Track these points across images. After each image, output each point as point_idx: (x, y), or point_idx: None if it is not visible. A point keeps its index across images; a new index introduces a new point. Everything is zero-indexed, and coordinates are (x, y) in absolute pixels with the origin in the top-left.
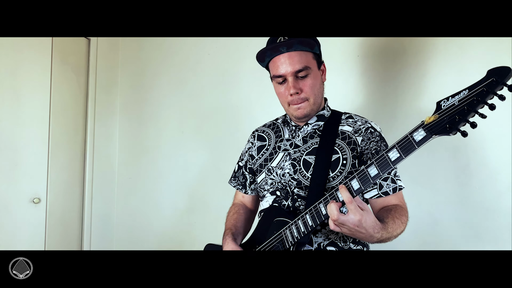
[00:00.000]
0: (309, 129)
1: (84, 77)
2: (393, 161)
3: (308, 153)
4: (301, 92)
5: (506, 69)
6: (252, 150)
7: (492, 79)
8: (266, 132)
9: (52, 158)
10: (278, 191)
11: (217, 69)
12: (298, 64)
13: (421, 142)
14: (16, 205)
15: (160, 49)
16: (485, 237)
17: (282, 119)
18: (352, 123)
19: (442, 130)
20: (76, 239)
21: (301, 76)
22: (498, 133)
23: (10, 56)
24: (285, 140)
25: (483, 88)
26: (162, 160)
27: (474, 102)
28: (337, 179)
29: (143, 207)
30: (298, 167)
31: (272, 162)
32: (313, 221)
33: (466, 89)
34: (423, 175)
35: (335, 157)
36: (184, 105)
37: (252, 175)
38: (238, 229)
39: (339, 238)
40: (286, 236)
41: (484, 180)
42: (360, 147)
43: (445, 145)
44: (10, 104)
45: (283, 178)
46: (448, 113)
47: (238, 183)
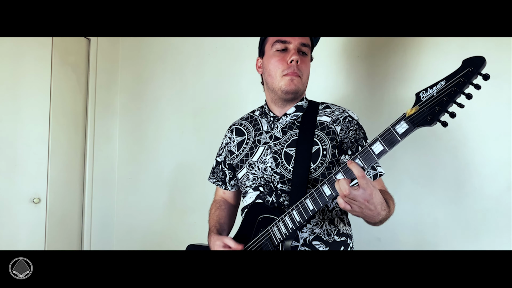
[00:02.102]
0: (288, 119)
1: (84, 77)
2: (377, 154)
3: (288, 145)
4: (299, 64)
5: (481, 59)
6: (231, 145)
7: (468, 69)
8: (243, 125)
9: (52, 158)
10: (261, 186)
11: (217, 69)
12: (305, 40)
13: (404, 135)
14: (16, 205)
15: (160, 49)
16: (485, 237)
17: (260, 111)
18: (330, 113)
19: (423, 121)
20: (76, 239)
21: (303, 52)
22: (498, 133)
23: (10, 56)
24: (264, 133)
25: (460, 78)
26: (162, 160)
27: (452, 92)
28: (318, 170)
29: (143, 207)
30: (280, 160)
31: (253, 157)
32: (301, 217)
33: (443, 80)
34: (423, 175)
35: (315, 148)
36: (184, 105)
37: (231, 171)
38: (222, 225)
39: (323, 232)
40: (274, 233)
41: (484, 180)
42: (340, 137)
43: (445, 145)
44: (10, 104)
45: (265, 172)
46: (429, 105)
47: (217, 179)
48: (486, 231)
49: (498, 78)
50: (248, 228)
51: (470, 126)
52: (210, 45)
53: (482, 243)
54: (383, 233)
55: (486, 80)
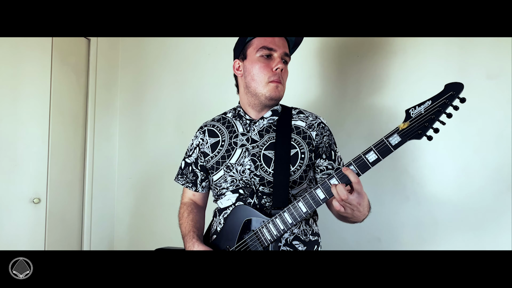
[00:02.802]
0: (265, 123)
1: (84, 77)
2: (371, 162)
3: (266, 148)
4: (282, 72)
5: (461, 85)
6: (204, 147)
7: (451, 92)
8: (216, 127)
9: (52, 158)
10: (241, 189)
11: (217, 69)
12: (288, 50)
13: (397, 146)
14: (16, 205)
15: (160, 49)
16: (485, 237)
17: (233, 113)
18: (304, 118)
19: (414, 135)
20: (76, 239)
21: (285, 61)
22: (498, 133)
23: (10, 56)
24: (240, 135)
25: (445, 100)
26: (162, 160)
27: (438, 111)
28: (297, 173)
29: (143, 207)
30: (259, 163)
31: (230, 159)
32: (293, 219)
33: (429, 100)
34: (423, 175)
35: (293, 151)
36: (184, 105)
37: (204, 173)
38: (199, 230)
39: (301, 232)
40: (263, 234)
41: (484, 180)
42: (316, 141)
43: (445, 145)
44: (10, 104)
45: (243, 174)
46: (418, 121)
47: (187, 181)
48: (486, 231)
49: (498, 78)
50: (231, 229)
51: (470, 126)
52: (210, 45)
53: (482, 243)
54: (383, 233)
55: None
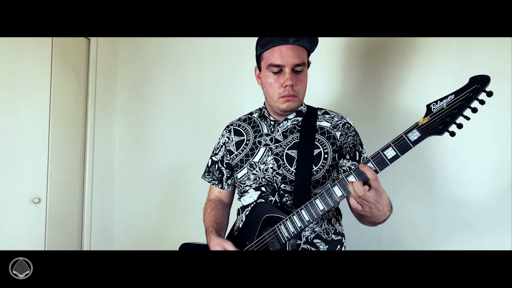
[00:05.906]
0: (289, 124)
1: (84, 77)
2: (390, 159)
3: (289, 147)
4: (294, 86)
5: (487, 78)
6: (230, 145)
7: (476, 85)
8: (242, 126)
9: (52, 158)
10: (263, 187)
11: (217, 69)
12: (299, 58)
13: (416, 142)
14: (16, 205)
15: (160, 49)
16: (485, 237)
17: (259, 114)
18: (329, 119)
19: (434, 131)
20: (76, 239)
21: (297, 71)
22: (498, 133)
23: (10, 56)
24: (264, 135)
25: (469, 93)
26: (162, 160)
27: (461, 105)
28: (320, 172)
29: (143, 207)
30: (282, 162)
31: (254, 157)
32: (310, 216)
33: (452, 94)
34: (423, 175)
35: (317, 151)
36: (184, 105)
37: (229, 171)
38: (220, 225)
39: (323, 231)
40: (281, 231)
41: (484, 180)
42: (339, 142)
43: (445, 145)
44: (10, 104)
45: (266, 173)
46: (439, 116)
47: (213, 178)
48: (486, 231)
49: (498, 78)
50: (251, 225)
51: (470, 126)
52: (210, 45)
53: (482, 243)
54: (383, 233)
55: (489, 96)
